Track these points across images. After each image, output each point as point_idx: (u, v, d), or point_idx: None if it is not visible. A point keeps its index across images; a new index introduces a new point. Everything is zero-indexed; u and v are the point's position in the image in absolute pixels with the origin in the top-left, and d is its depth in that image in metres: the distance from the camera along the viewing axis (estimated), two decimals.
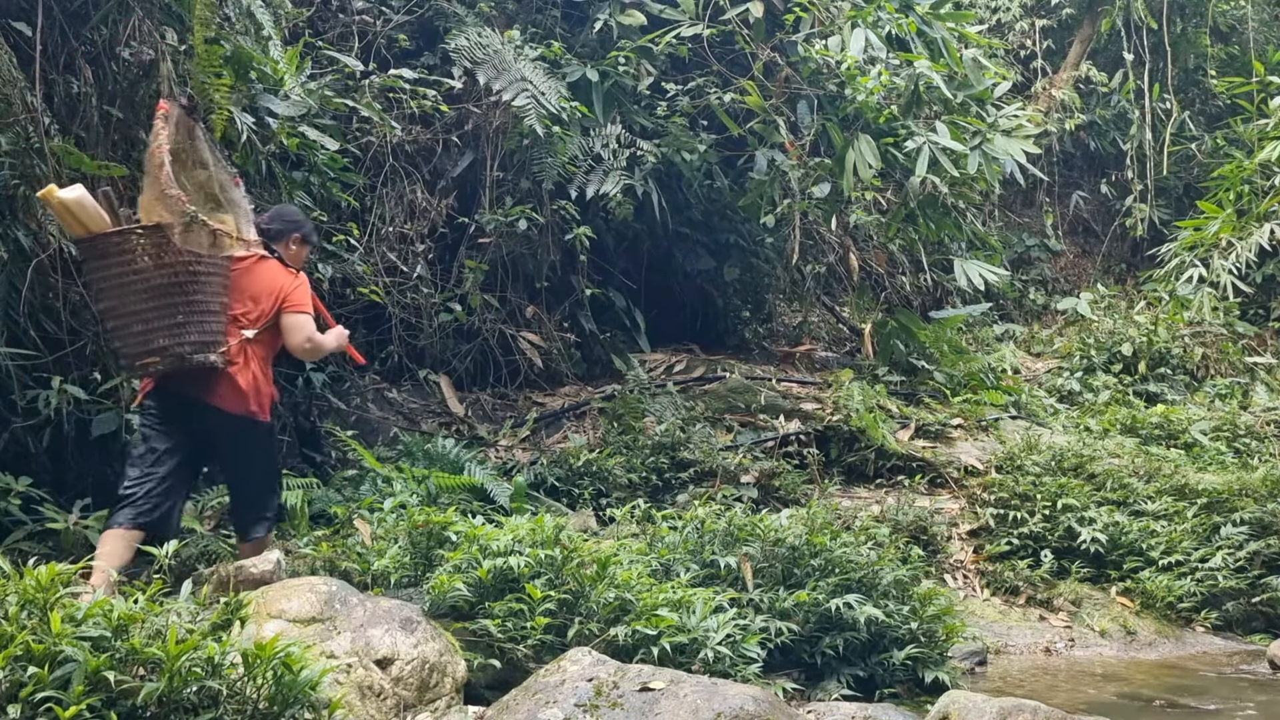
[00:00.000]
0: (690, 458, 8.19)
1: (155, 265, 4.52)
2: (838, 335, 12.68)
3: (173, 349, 4.58)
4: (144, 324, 4.56)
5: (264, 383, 4.93)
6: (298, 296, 4.95)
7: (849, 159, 9.06)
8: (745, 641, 5.04)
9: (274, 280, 4.96)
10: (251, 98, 6.84)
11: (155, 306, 4.54)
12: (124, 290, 4.55)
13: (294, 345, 4.99)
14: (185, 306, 4.57)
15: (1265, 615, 7.36)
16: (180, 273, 4.56)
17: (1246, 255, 11.90)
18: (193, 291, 4.59)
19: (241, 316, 4.87)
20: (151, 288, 4.54)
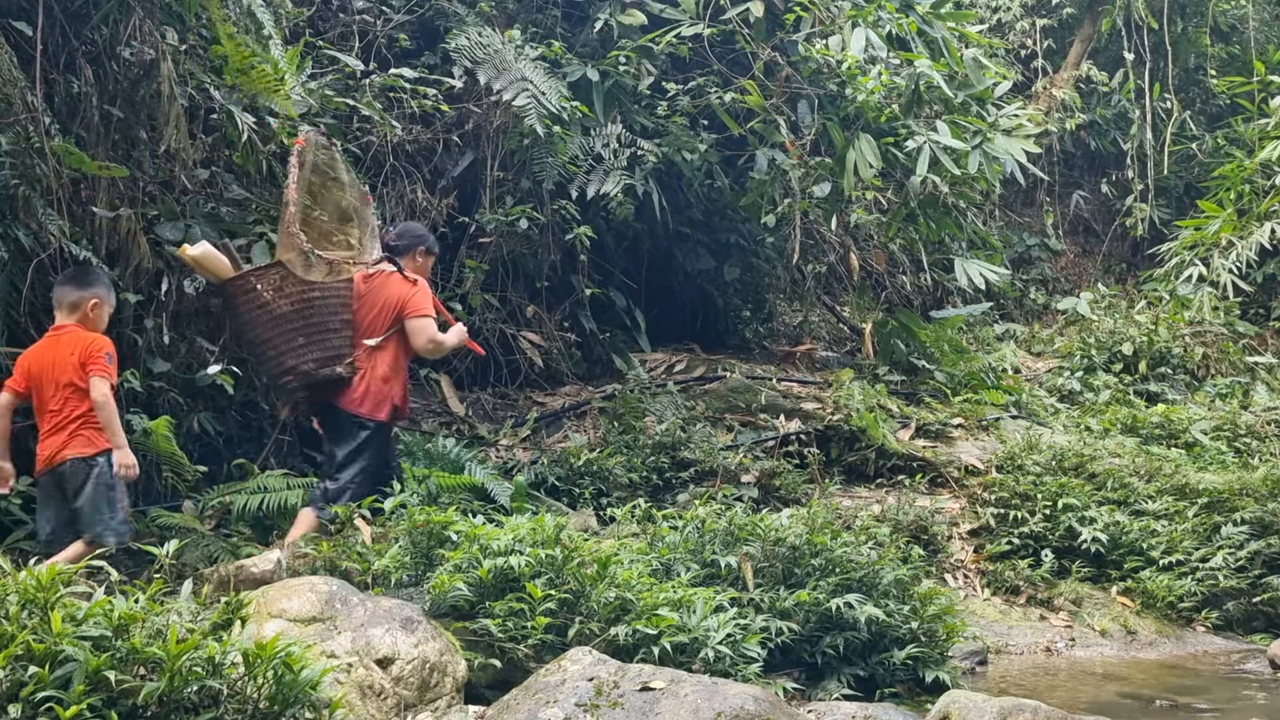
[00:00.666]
0: (691, 457, 8.19)
1: (276, 297, 5.19)
2: (838, 335, 12.68)
3: (300, 367, 5.27)
4: (275, 349, 5.27)
5: (384, 386, 5.44)
6: (417, 302, 5.46)
7: (849, 158, 9.06)
8: (746, 641, 5.04)
9: (394, 291, 5.48)
10: (252, 97, 6.85)
11: (281, 333, 5.23)
12: (254, 323, 5.27)
13: (419, 346, 5.53)
14: (305, 329, 5.22)
15: (1266, 615, 7.36)
16: (297, 301, 5.22)
17: (1247, 255, 11.89)
18: (310, 315, 5.23)
19: (367, 328, 5.42)
20: (275, 317, 5.22)
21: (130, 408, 6.28)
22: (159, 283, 6.58)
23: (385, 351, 5.44)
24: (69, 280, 5.09)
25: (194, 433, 6.73)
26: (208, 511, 6.43)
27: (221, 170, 7.25)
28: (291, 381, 5.32)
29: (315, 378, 5.29)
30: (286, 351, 5.24)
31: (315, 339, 5.24)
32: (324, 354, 5.27)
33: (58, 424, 4.86)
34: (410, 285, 5.54)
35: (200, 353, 6.82)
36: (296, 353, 5.23)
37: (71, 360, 4.80)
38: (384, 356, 5.44)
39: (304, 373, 5.27)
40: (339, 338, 5.32)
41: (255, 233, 6.92)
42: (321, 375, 5.28)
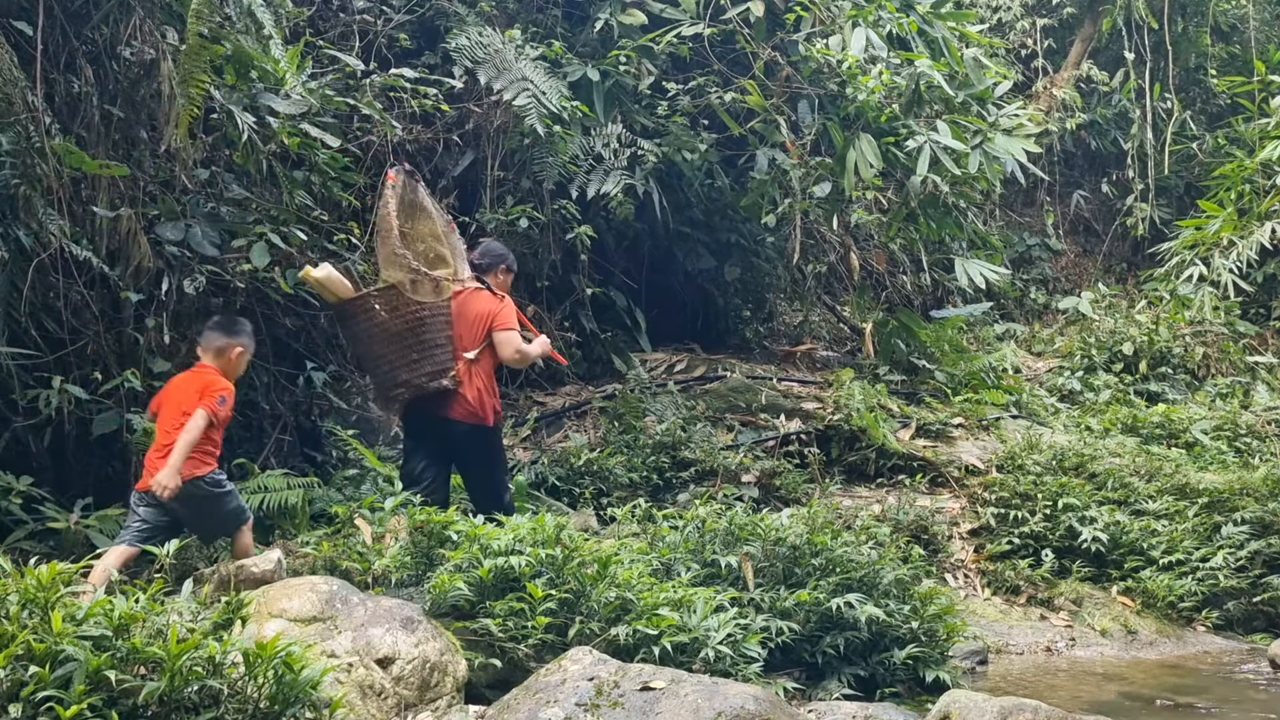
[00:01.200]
0: (691, 457, 8.19)
1: (390, 316, 5.60)
2: (838, 335, 12.68)
3: (413, 380, 5.66)
4: (389, 364, 5.68)
5: (487, 395, 5.86)
6: (504, 317, 5.87)
7: (850, 158, 9.06)
8: (746, 641, 5.04)
9: (485, 306, 5.88)
10: (252, 97, 6.85)
11: (395, 349, 5.63)
12: (370, 339, 5.69)
13: (506, 357, 5.90)
14: (418, 346, 5.62)
15: (1266, 614, 7.36)
16: (410, 320, 5.63)
17: (1247, 254, 11.90)
18: (422, 333, 5.64)
19: (464, 340, 5.79)
20: (390, 334, 5.64)
21: (131, 407, 6.28)
22: (159, 282, 6.58)
23: (481, 363, 5.83)
24: (218, 327, 5.49)
25: None
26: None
27: (222, 170, 7.25)
28: (404, 394, 5.72)
29: (425, 390, 5.68)
30: (400, 366, 5.66)
31: (426, 354, 5.65)
32: (434, 368, 5.67)
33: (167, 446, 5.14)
34: (498, 300, 5.96)
35: None
36: (410, 367, 5.64)
37: (194, 394, 5.20)
38: (480, 368, 5.84)
39: (416, 385, 5.66)
40: (444, 353, 5.71)
41: (255, 233, 6.92)
42: (431, 388, 5.66)
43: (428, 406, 5.77)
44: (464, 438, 5.82)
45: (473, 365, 5.78)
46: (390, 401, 5.95)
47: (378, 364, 5.76)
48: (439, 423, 5.80)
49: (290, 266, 7.22)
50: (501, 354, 5.87)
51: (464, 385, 5.77)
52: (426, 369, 5.66)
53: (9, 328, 5.98)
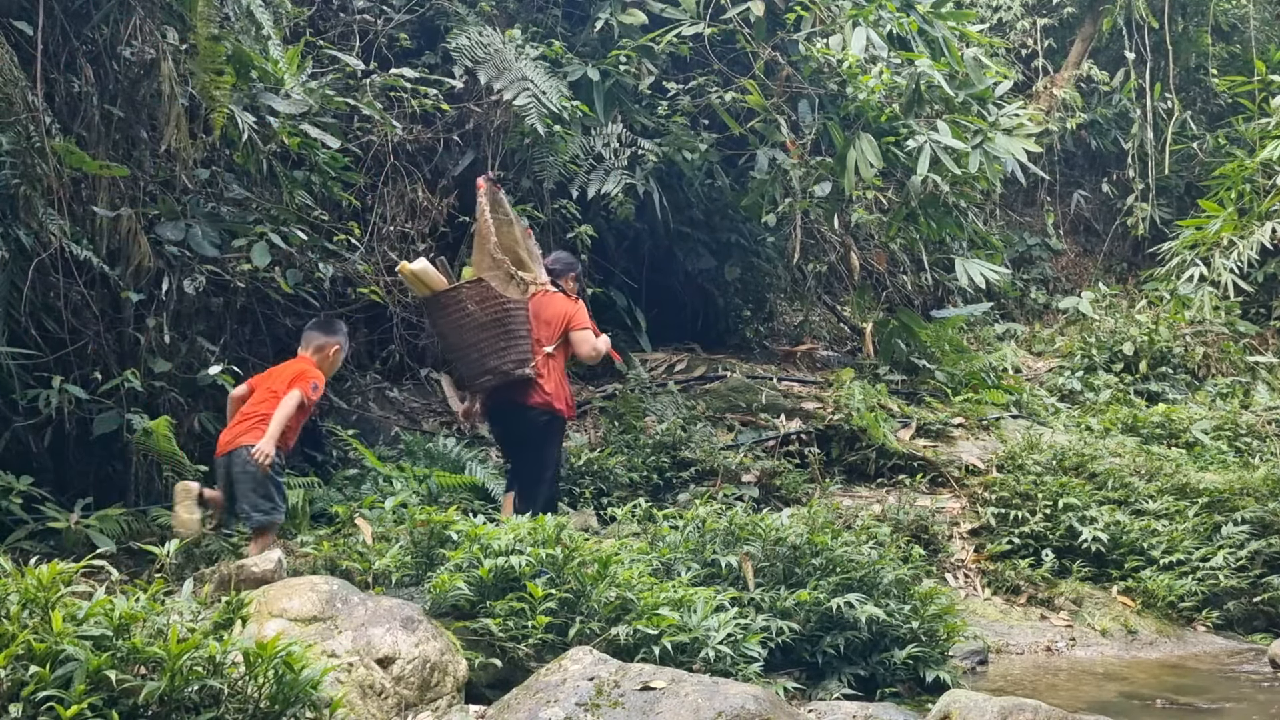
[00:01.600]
0: (691, 457, 8.19)
1: (479, 309, 6.10)
2: (839, 334, 12.68)
3: (500, 368, 6.14)
4: (478, 352, 6.15)
5: (562, 387, 6.38)
6: (581, 317, 6.47)
7: (850, 158, 9.06)
8: (746, 641, 5.04)
9: (561, 308, 6.46)
10: (252, 96, 6.85)
11: (484, 338, 6.12)
12: (460, 329, 6.17)
13: (583, 354, 6.55)
14: (504, 336, 6.12)
15: (1266, 614, 7.36)
16: (498, 312, 6.11)
17: (1248, 254, 11.88)
18: (508, 324, 6.12)
19: (542, 338, 6.32)
20: (479, 325, 6.13)
21: (131, 407, 6.28)
22: (160, 282, 6.58)
23: (557, 358, 6.39)
24: (318, 326, 6.08)
25: (195, 432, 6.73)
26: (208, 512, 6.43)
27: (222, 170, 7.25)
28: (490, 380, 6.19)
29: (510, 377, 6.15)
30: (489, 354, 6.13)
31: (511, 344, 6.14)
32: (518, 357, 6.15)
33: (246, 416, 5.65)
34: (574, 303, 6.55)
35: (201, 352, 6.82)
36: (497, 354, 6.12)
37: (288, 378, 5.68)
38: (557, 362, 6.39)
39: (503, 372, 6.14)
40: (526, 344, 6.21)
41: (256, 233, 6.93)
42: (515, 374, 6.15)
43: (509, 393, 6.25)
44: (536, 423, 6.30)
45: (550, 359, 6.31)
46: (479, 389, 6.38)
47: (467, 352, 6.23)
48: (518, 408, 6.29)
49: (290, 266, 7.22)
50: (579, 351, 6.47)
51: (543, 377, 6.29)
52: (512, 358, 6.14)
53: (9, 328, 5.99)
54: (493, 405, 6.44)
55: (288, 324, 7.63)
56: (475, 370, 6.25)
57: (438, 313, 6.37)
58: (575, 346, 6.46)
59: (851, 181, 9.19)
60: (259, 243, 6.87)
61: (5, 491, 5.75)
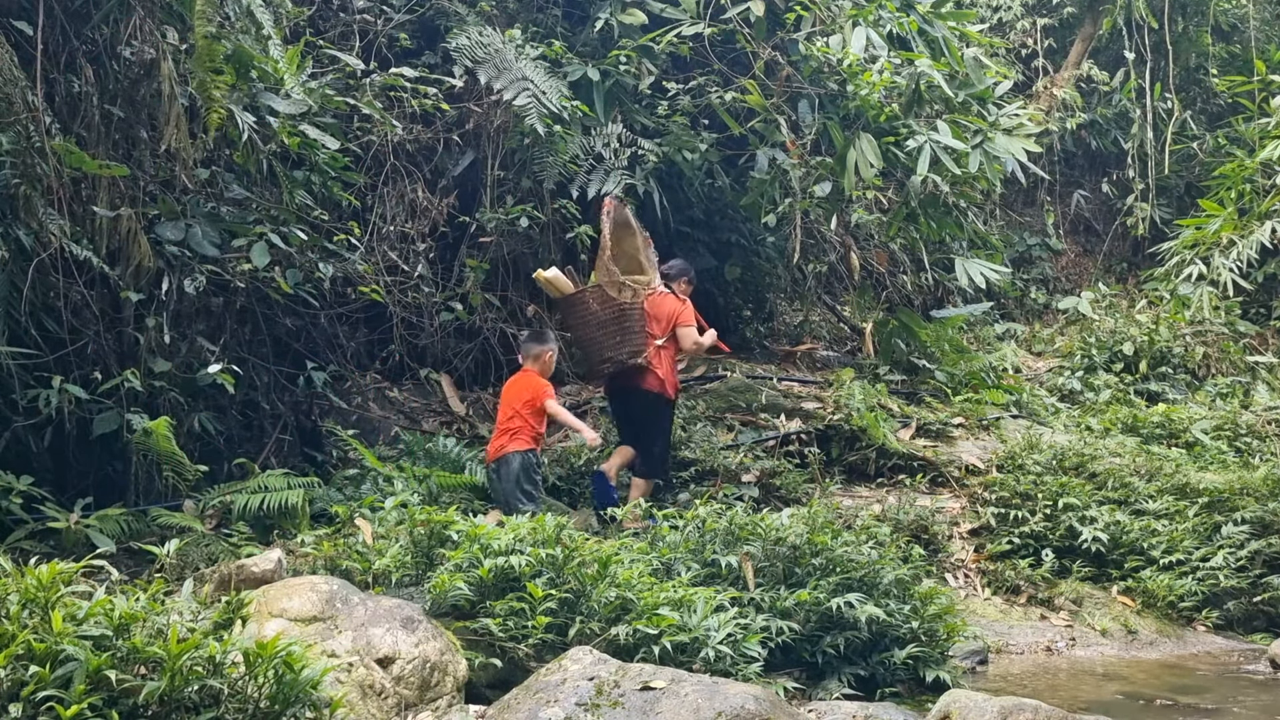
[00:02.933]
0: (691, 457, 8.19)
1: (600, 309, 7.31)
2: (839, 334, 12.67)
3: (616, 357, 7.29)
4: (598, 345, 7.36)
5: (670, 374, 7.37)
6: (685, 316, 7.47)
7: (850, 158, 9.05)
8: (746, 641, 5.04)
9: (670, 307, 7.46)
10: (252, 96, 6.84)
11: (603, 333, 7.31)
12: (585, 325, 7.39)
13: (685, 347, 7.58)
14: (619, 331, 7.25)
15: (1266, 614, 7.36)
16: (614, 311, 7.29)
17: (1248, 254, 11.85)
18: (623, 321, 7.26)
19: (654, 332, 7.32)
20: (599, 322, 7.33)
21: (131, 407, 6.28)
22: (159, 282, 6.58)
23: (667, 350, 7.37)
24: (533, 339, 7.22)
25: (195, 432, 6.73)
26: (208, 511, 6.44)
27: (222, 170, 7.25)
28: (608, 367, 7.32)
29: (625, 365, 7.25)
30: (607, 346, 7.29)
31: (625, 338, 7.24)
32: (631, 349, 7.24)
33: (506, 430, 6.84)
34: (681, 303, 7.55)
35: (201, 352, 6.82)
36: (614, 346, 7.26)
37: (528, 393, 6.87)
38: (666, 353, 7.37)
39: (619, 361, 7.25)
40: (639, 338, 7.27)
41: (255, 233, 6.93)
42: (630, 363, 7.23)
43: (626, 379, 7.33)
44: (648, 403, 7.35)
45: (660, 350, 7.33)
46: (599, 375, 7.57)
47: (589, 345, 7.42)
48: (633, 391, 7.36)
49: (290, 266, 7.22)
50: (682, 344, 7.48)
51: (654, 364, 7.30)
52: (626, 349, 7.23)
53: (9, 327, 5.99)
54: (613, 388, 7.55)
55: (288, 324, 7.63)
56: (596, 359, 7.44)
57: (567, 311, 7.66)
58: (680, 341, 7.44)
59: (852, 181, 9.19)
60: (259, 243, 6.87)
61: (5, 491, 5.75)
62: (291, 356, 7.72)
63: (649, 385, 7.31)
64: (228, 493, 6.47)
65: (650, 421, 7.40)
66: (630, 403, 7.38)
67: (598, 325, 7.33)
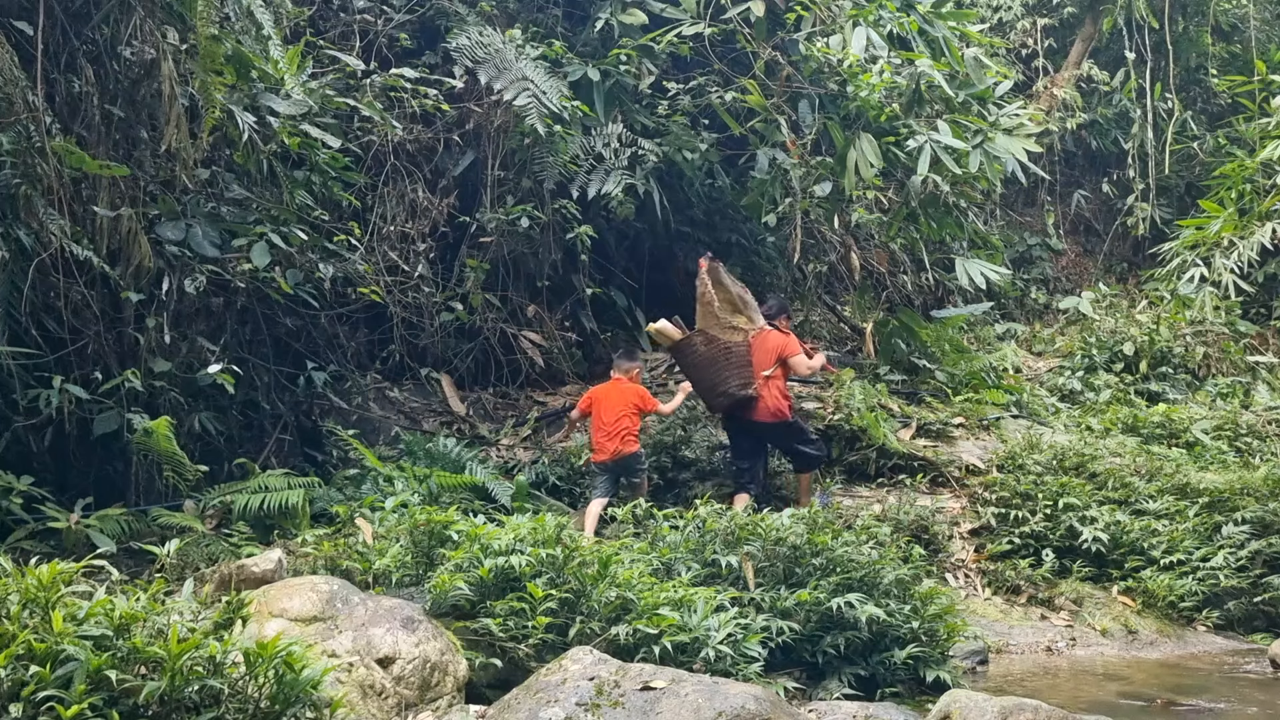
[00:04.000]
0: (691, 457, 8.20)
1: (706, 350, 8.00)
2: (839, 334, 12.67)
3: (727, 390, 7.90)
4: (709, 381, 7.99)
5: (777, 400, 7.93)
6: (792, 347, 8.12)
7: (851, 158, 9.05)
8: (746, 640, 5.04)
9: (775, 342, 8.10)
10: (252, 96, 6.85)
11: (712, 371, 7.96)
12: (697, 366, 8.05)
13: (800, 374, 8.34)
14: (726, 368, 7.91)
15: (1267, 614, 7.36)
16: (720, 352, 7.96)
17: (1248, 254, 11.88)
18: (729, 360, 7.92)
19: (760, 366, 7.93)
20: (707, 361, 7.99)
21: (131, 407, 6.28)
22: (160, 282, 6.59)
23: (774, 380, 7.98)
24: (624, 356, 8.09)
25: (195, 432, 6.73)
26: (209, 511, 6.44)
27: (222, 170, 7.25)
28: (723, 401, 7.95)
29: (736, 397, 7.85)
30: (718, 382, 7.92)
31: (733, 373, 7.88)
32: (740, 382, 7.86)
33: (614, 433, 7.53)
34: (785, 336, 8.23)
35: (201, 352, 6.82)
36: (724, 381, 7.89)
37: (628, 400, 7.65)
38: (774, 383, 7.97)
39: (729, 394, 7.87)
40: (746, 373, 7.91)
41: (256, 233, 6.93)
42: (739, 395, 7.84)
43: (741, 410, 7.91)
44: (769, 429, 7.95)
45: (768, 381, 7.92)
46: (715, 406, 8.16)
47: (702, 383, 8.07)
48: (749, 422, 7.92)
49: (290, 266, 7.22)
50: (797, 371, 8.21)
51: (763, 395, 7.87)
52: (735, 383, 7.87)
53: (9, 328, 5.99)
54: (730, 419, 8.10)
55: (288, 324, 7.63)
56: (711, 393, 8.07)
57: (679, 356, 8.35)
58: (794, 369, 8.15)
59: (852, 181, 9.19)
60: (259, 243, 6.87)
61: (6, 491, 5.75)
62: (292, 356, 7.72)
63: (761, 416, 7.90)
64: (228, 493, 6.48)
65: (783, 439, 8.06)
66: (752, 431, 7.99)
67: (707, 364, 8.00)
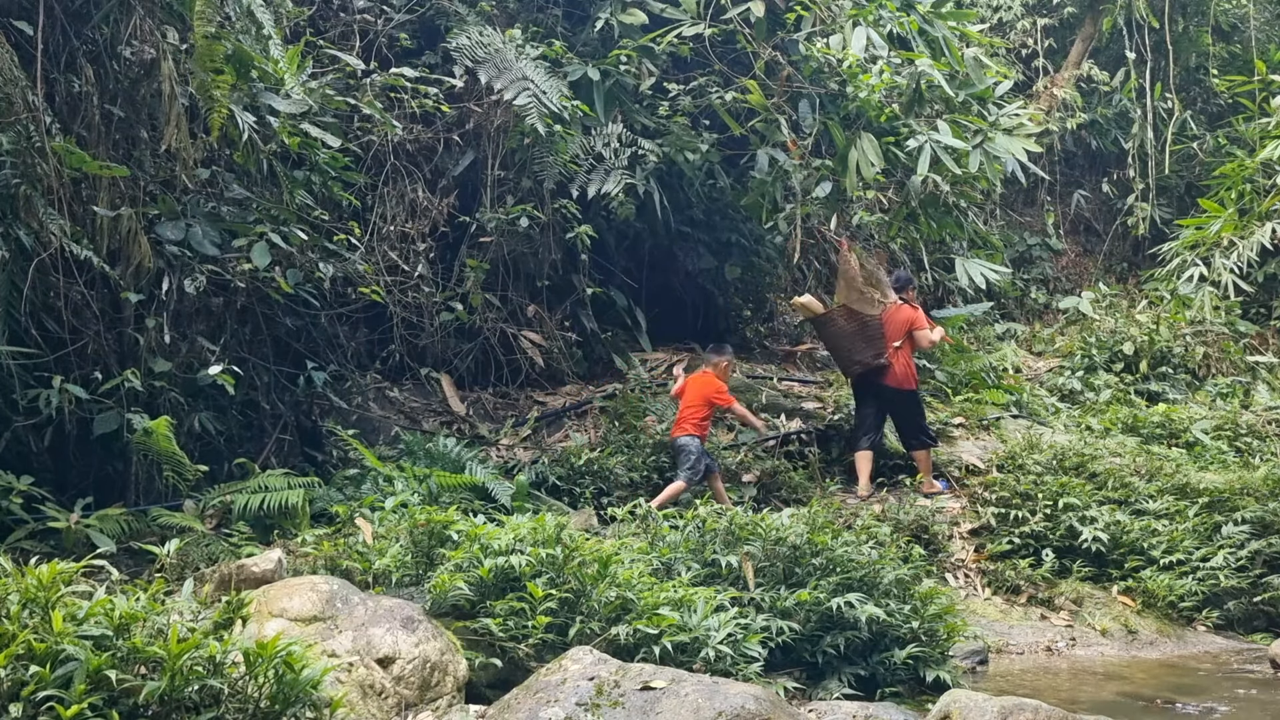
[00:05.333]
0: None
1: (845, 323, 8.81)
2: None
3: (863, 360, 8.74)
4: (847, 351, 8.87)
5: (906, 369, 8.77)
6: (920, 320, 8.97)
7: (851, 158, 9.06)
8: (746, 640, 5.04)
9: (906, 314, 8.91)
10: (252, 96, 6.84)
11: (850, 342, 8.81)
12: (838, 337, 8.92)
13: (922, 346, 9.10)
14: (863, 339, 8.73)
15: (1267, 614, 7.37)
16: (858, 325, 8.75)
17: (1248, 254, 11.86)
18: (866, 332, 8.72)
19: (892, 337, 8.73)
20: (847, 334, 8.83)
21: (131, 407, 6.28)
22: (160, 282, 6.58)
23: (903, 350, 8.77)
24: (714, 350, 8.58)
25: (195, 432, 6.73)
26: (208, 511, 6.44)
27: (222, 170, 7.25)
28: (858, 369, 8.77)
29: (870, 365, 8.68)
30: (855, 351, 8.79)
31: (869, 344, 8.70)
32: (874, 352, 8.68)
33: (682, 418, 8.00)
34: (914, 310, 9.04)
35: (201, 352, 6.82)
36: (860, 351, 8.73)
37: (703, 391, 8.03)
38: (903, 353, 8.77)
39: (865, 363, 8.71)
40: (880, 344, 8.70)
41: (256, 233, 6.93)
42: (874, 364, 8.66)
43: (873, 377, 8.72)
44: (895, 396, 8.70)
45: (898, 351, 8.71)
46: (850, 374, 8.98)
47: (840, 352, 9.00)
48: (880, 387, 8.72)
49: (290, 266, 7.22)
50: (919, 344, 8.98)
51: (894, 364, 8.66)
52: (870, 353, 8.68)
53: (9, 327, 5.99)
54: (862, 385, 8.87)
55: (288, 324, 7.63)
56: (848, 361, 8.91)
57: (820, 327, 9.20)
58: (917, 342, 8.91)
59: (853, 182, 9.20)
60: (259, 243, 6.87)
61: (5, 491, 5.74)
62: (292, 356, 7.71)
63: (891, 382, 8.69)
64: (228, 493, 6.48)
65: (904, 409, 8.77)
66: (881, 397, 8.75)
67: (846, 336, 8.81)
